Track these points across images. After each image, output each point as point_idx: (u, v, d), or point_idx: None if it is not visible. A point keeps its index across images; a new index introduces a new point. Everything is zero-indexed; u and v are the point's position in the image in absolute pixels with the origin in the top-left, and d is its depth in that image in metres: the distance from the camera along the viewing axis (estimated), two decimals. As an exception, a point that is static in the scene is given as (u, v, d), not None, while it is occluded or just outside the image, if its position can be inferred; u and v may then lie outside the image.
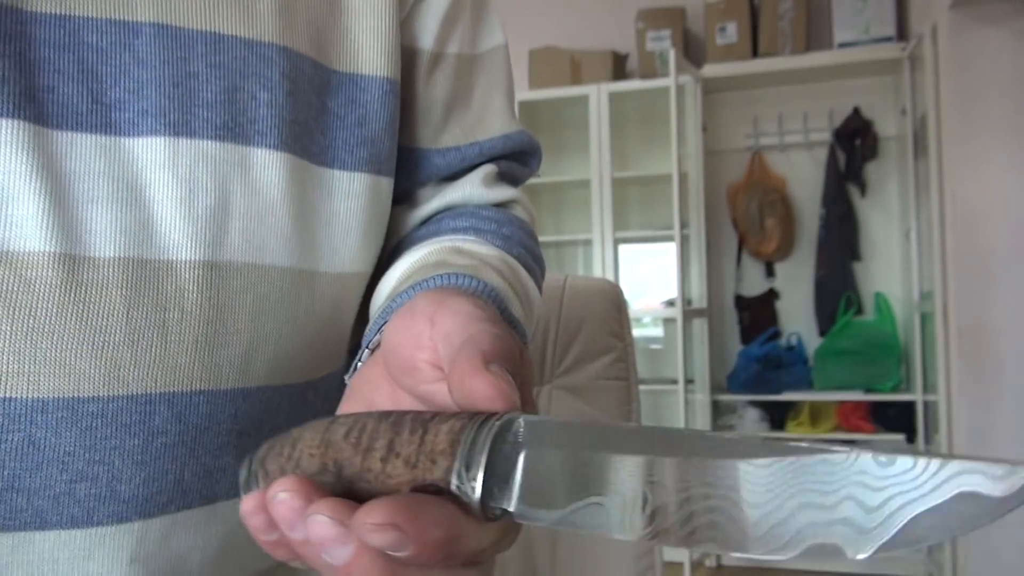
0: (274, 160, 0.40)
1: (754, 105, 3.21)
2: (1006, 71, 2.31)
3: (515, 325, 0.41)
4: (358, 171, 0.44)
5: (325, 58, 0.43)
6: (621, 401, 0.99)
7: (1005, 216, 2.33)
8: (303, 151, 0.42)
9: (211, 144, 0.38)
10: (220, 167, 0.38)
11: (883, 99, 3.06)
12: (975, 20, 2.31)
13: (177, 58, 0.38)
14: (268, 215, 0.40)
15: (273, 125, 0.40)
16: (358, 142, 0.44)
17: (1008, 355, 2.32)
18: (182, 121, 0.37)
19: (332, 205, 0.43)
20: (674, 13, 3.18)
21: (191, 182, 0.37)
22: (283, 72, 0.40)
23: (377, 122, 0.45)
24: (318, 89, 0.43)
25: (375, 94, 0.45)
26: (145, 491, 0.38)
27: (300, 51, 0.42)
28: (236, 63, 0.39)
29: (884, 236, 3.07)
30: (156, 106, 0.37)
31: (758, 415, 3.04)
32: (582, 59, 3.27)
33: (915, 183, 2.79)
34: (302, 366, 0.44)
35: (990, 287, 2.34)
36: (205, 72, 0.38)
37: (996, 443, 2.33)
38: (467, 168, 0.53)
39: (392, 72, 0.46)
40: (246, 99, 0.39)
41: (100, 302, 0.36)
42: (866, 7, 2.94)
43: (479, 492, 0.24)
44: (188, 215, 0.37)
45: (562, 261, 3.52)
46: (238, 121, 0.39)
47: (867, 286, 3.08)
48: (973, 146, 2.35)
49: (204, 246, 0.38)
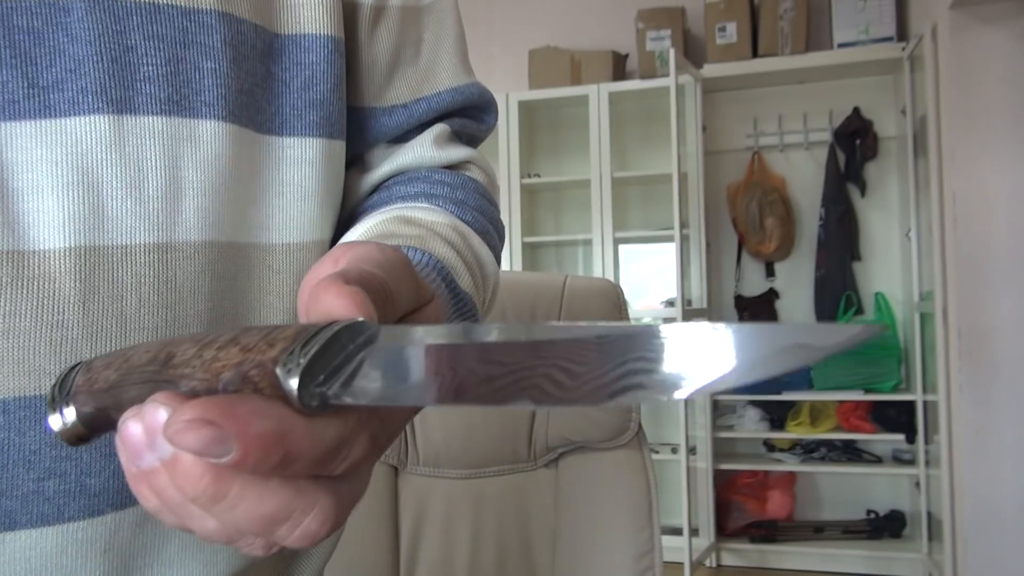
0: (223, 132, 0.39)
1: (754, 105, 3.20)
2: (1006, 71, 2.31)
3: (461, 297, 0.40)
4: (309, 136, 0.43)
5: (267, 21, 0.42)
6: (621, 401, 0.99)
7: (1005, 216, 2.33)
8: (249, 121, 0.40)
9: (157, 120, 0.37)
10: (169, 143, 0.37)
11: (883, 99, 3.06)
12: (975, 20, 2.31)
13: (113, 32, 0.36)
14: (222, 189, 0.39)
15: (219, 95, 0.39)
16: (306, 105, 0.43)
17: (1008, 355, 2.32)
18: (124, 97, 0.36)
19: (284, 174, 0.42)
20: (674, 13, 3.18)
21: (140, 161, 0.36)
22: (225, 39, 0.39)
23: (324, 83, 0.44)
24: (261, 55, 0.41)
25: (320, 54, 0.44)
26: (116, 483, 0.37)
27: (241, 16, 0.40)
28: (176, 33, 0.38)
29: (884, 236, 3.07)
30: (96, 83, 0.35)
31: (758, 415, 3.04)
32: (582, 59, 3.27)
33: (915, 183, 2.79)
34: None
35: (990, 287, 2.34)
36: (144, 44, 0.37)
37: (996, 443, 2.33)
38: (418, 127, 0.51)
39: (335, 30, 0.44)
40: (189, 70, 0.38)
41: (54, 296, 0.35)
42: (866, 7, 2.94)
43: (300, 372, 0.23)
44: (139, 196, 0.36)
45: (562, 261, 3.52)
46: (183, 93, 0.37)
47: (867, 286, 3.08)
48: (973, 146, 2.35)
49: (158, 228, 0.37)
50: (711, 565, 3.02)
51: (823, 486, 3.13)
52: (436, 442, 1.01)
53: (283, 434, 0.22)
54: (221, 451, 0.22)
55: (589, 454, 1.00)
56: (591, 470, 0.99)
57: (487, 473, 1.02)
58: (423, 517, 1.00)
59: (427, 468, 1.02)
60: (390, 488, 1.00)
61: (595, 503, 0.96)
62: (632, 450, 0.99)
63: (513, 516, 1.01)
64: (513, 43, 3.46)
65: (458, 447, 1.01)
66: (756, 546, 2.98)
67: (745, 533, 3.01)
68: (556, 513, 0.99)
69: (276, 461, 0.22)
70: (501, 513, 1.01)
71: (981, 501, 2.33)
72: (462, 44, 0.55)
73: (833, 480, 3.10)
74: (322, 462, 0.24)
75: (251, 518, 0.23)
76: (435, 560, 0.99)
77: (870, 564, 2.86)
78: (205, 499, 0.23)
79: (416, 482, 1.01)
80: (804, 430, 2.96)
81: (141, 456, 0.24)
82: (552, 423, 1.01)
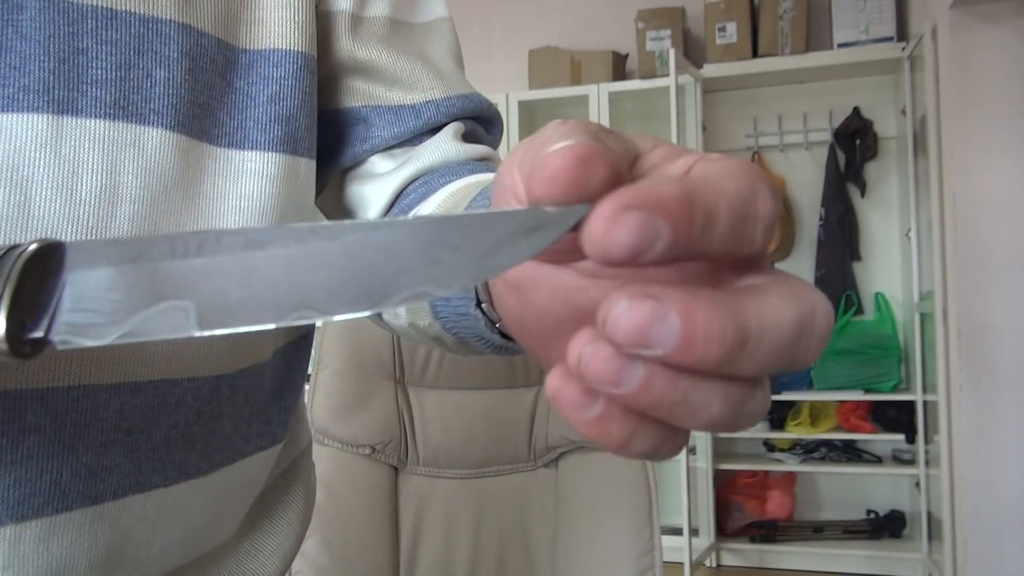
0: (170, 141, 0.38)
1: (754, 105, 3.21)
2: (1006, 71, 2.31)
3: None
4: (272, 151, 0.42)
5: (232, 36, 0.42)
6: (621, 401, 0.99)
7: (1005, 216, 2.33)
8: (203, 133, 0.40)
9: (99, 123, 0.36)
10: (109, 148, 0.36)
11: (883, 99, 3.06)
12: (975, 20, 2.31)
13: (65, 33, 0.36)
14: (162, 199, 0.38)
15: (169, 104, 0.38)
16: (271, 119, 0.42)
17: (1008, 355, 2.32)
18: (67, 99, 0.35)
19: (244, 187, 0.41)
20: (674, 13, 3.18)
21: (75, 163, 0.35)
22: (182, 50, 0.39)
23: (291, 99, 0.43)
24: (222, 68, 0.41)
25: (289, 69, 0.43)
26: (17, 493, 0.35)
27: (202, 29, 0.40)
28: (131, 39, 0.37)
29: (884, 236, 3.07)
30: (39, 82, 0.35)
31: (758, 415, 3.04)
32: (582, 59, 3.27)
33: (915, 183, 2.79)
34: (209, 358, 0.41)
35: (990, 287, 2.34)
36: (95, 48, 0.36)
37: (996, 443, 2.33)
38: (427, 130, 0.50)
39: (307, 47, 0.44)
40: (141, 76, 0.37)
41: None
42: (866, 7, 2.93)
43: (3, 323, 0.21)
44: (71, 198, 0.35)
45: (562, 261, 3.52)
46: (131, 100, 0.37)
47: (867, 286, 3.08)
48: (973, 146, 2.35)
49: (87, 231, 0.36)
50: (711, 565, 3.02)
51: (823, 486, 3.13)
52: (436, 442, 1.01)
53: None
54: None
55: (589, 454, 1.00)
56: (591, 470, 0.99)
57: (487, 473, 1.02)
58: (423, 517, 1.00)
59: (427, 468, 1.02)
60: (390, 488, 1.00)
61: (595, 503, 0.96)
62: (632, 450, 0.99)
63: (513, 516, 1.01)
64: (513, 43, 3.46)
65: (458, 447, 1.01)
66: (756, 546, 2.98)
67: (745, 533, 3.01)
68: (556, 513, 0.99)
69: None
70: (501, 513, 1.01)
71: (981, 501, 2.33)
72: (462, 63, 0.55)
73: (833, 480, 3.10)
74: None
75: (761, 364, 0.20)
76: (435, 560, 0.99)
77: (870, 564, 2.86)
78: (732, 350, 0.19)
79: (416, 482, 1.01)
80: (804, 430, 2.96)
81: (620, 379, 0.20)
82: (552, 423, 1.01)
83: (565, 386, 0.21)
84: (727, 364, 0.19)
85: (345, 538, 0.95)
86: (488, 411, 1.01)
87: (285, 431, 0.51)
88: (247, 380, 0.44)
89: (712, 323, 0.19)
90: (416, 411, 1.02)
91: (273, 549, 0.51)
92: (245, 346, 0.43)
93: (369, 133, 0.50)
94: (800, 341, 0.20)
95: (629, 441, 0.21)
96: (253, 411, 0.46)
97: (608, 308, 0.19)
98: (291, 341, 0.50)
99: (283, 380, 0.50)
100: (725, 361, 0.19)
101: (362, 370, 1.01)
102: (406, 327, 0.48)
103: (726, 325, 0.19)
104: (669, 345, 0.19)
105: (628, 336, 0.19)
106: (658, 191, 0.19)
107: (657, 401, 0.20)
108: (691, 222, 0.19)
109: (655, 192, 0.19)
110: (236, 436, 0.45)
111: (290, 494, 0.55)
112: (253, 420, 0.46)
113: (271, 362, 0.47)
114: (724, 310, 0.19)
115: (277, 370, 0.49)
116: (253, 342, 0.44)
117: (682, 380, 0.20)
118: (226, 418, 0.43)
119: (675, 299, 0.19)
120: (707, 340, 0.19)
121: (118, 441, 0.38)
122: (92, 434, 0.37)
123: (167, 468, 0.40)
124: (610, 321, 0.19)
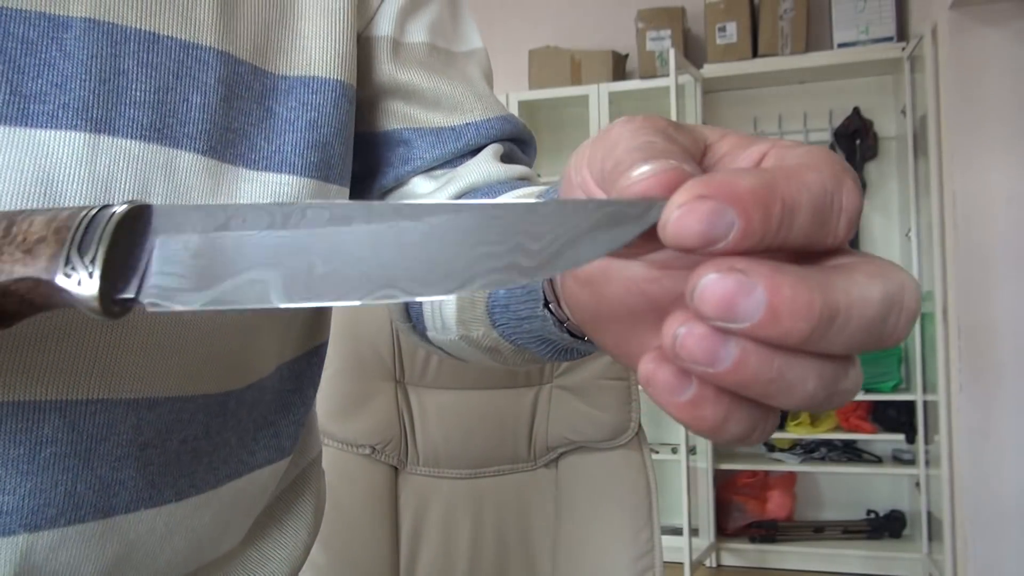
0: (202, 165, 0.39)
1: (754, 105, 3.21)
2: (1006, 71, 2.31)
3: None
4: (307, 176, 0.43)
5: (270, 64, 0.42)
6: (621, 401, 0.99)
7: (1005, 216, 2.33)
8: (237, 158, 0.40)
9: (134, 143, 0.37)
10: (141, 168, 0.37)
11: (883, 99, 3.06)
12: (975, 20, 2.31)
13: (107, 54, 0.36)
14: None
15: (203, 129, 0.39)
16: (308, 145, 0.43)
17: (1008, 355, 2.32)
18: (105, 118, 0.36)
19: None
20: (674, 13, 3.18)
21: (108, 181, 0.36)
22: (219, 77, 0.39)
23: (328, 126, 0.44)
24: (259, 95, 0.42)
25: (328, 97, 0.44)
26: (31, 503, 0.35)
27: (240, 57, 0.41)
28: (170, 64, 0.38)
29: (884, 236, 3.07)
30: (79, 100, 0.36)
31: (758, 415, 3.04)
32: (582, 59, 3.27)
33: (915, 183, 2.79)
34: (220, 376, 0.42)
35: (990, 287, 2.34)
36: (136, 70, 0.37)
37: (996, 443, 2.33)
38: (467, 152, 0.51)
39: (346, 76, 0.45)
40: (177, 101, 0.38)
41: None
42: (866, 7, 2.93)
43: (98, 282, 0.20)
44: None
45: (562, 261, 3.51)
46: (167, 122, 0.38)
47: (867, 286, 3.08)
48: (973, 146, 2.35)
49: None
50: (711, 565, 3.02)
51: (823, 486, 3.13)
52: (436, 442, 1.01)
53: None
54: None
55: (589, 454, 1.00)
56: (591, 470, 0.99)
57: (487, 473, 1.02)
58: (423, 517, 1.00)
59: (427, 468, 1.02)
60: (390, 488, 1.01)
61: (595, 503, 0.96)
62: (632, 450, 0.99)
63: (513, 516, 1.01)
64: (513, 43, 3.46)
65: (458, 447, 1.01)
66: (756, 546, 2.98)
67: (745, 533, 3.01)
68: (556, 513, 0.99)
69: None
70: (501, 513, 1.01)
71: (981, 501, 2.33)
72: (493, 87, 0.56)
73: (833, 480, 3.10)
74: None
75: (850, 341, 0.20)
76: (435, 560, 0.99)
77: (870, 564, 2.86)
78: (820, 324, 0.19)
79: (416, 482, 1.01)
80: (804, 430, 2.96)
81: (715, 357, 0.20)
82: (552, 423, 1.02)
83: (659, 370, 0.21)
84: (816, 339, 0.19)
85: (344, 538, 0.95)
86: (488, 411, 1.01)
87: (295, 444, 0.52)
88: (251, 395, 0.45)
89: (798, 297, 0.19)
90: (416, 411, 1.02)
91: (282, 558, 0.52)
92: (246, 361, 0.44)
93: (411, 155, 0.50)
94: (889, 318, 0.20)
95: (723, 424, 0.22)
96: (259, 425, 0.47)
97: (696, 281, 0.19)
98: (299, 356, 0.51)
99: (292, 394, 0.50)
100: (813, 336, 0.19)
101: (362, 370, 1.01)
102: (456, 340, 0.48)
103: (813, 299, 0.19)
104: (755, 318, 0.19)
105: (715, 308, 0.19)
106: (731, 182, 0.19)
107: (752, 378, 0.20)
108: (767, 213, 0.19)
109: (728, 183, 0.19)
110: (242, 450, 0.45)
111: (299, 503, 0.55)
112: (260, 434, 0.47)
113: (276, 375, 0.48)
114: (811, 285, 0.19)
115: (285, 383, 0.49)
116: (256, 358, 0.45)
117: (777, 357, 0.20)
118: (231, 432, 0.44)
119: (761, 273, 0.19)
120: (793, 314, 0.19)
121: (132, 455, 0.38)
122: (107, 448, 0.37)
123: (178, 482, 0.41)
124: (697, 293, 0.19)
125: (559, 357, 0.42)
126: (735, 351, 0.20)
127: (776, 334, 0.19)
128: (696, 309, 0.20)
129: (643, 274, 0.26)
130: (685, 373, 0.21)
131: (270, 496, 0.51)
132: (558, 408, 1.01)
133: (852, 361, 0.22)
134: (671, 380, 0.21)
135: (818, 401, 0.21)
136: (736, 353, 0.20)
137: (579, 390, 1.01)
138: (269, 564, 0.51)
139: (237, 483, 0.45)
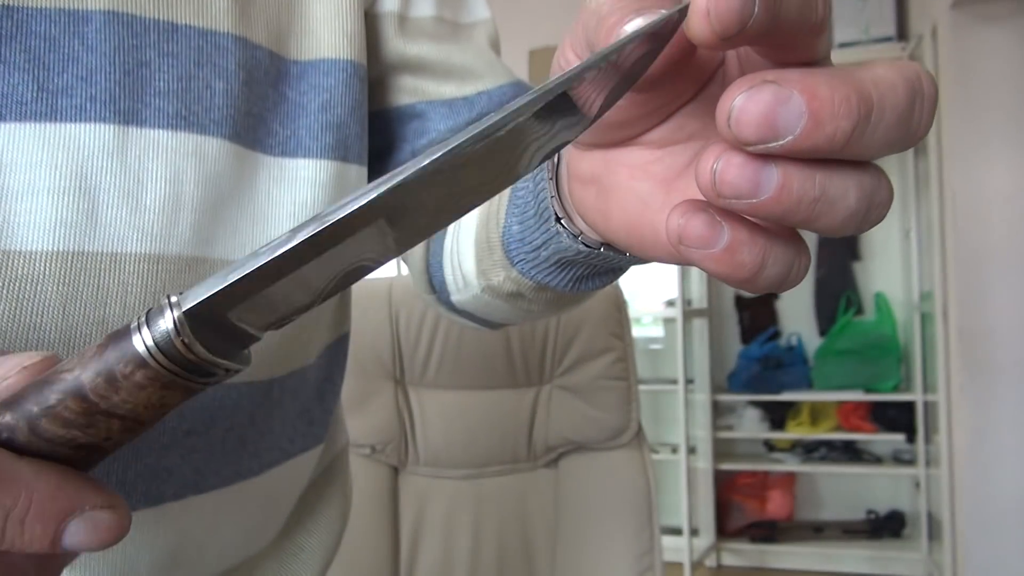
0: (228, 150, 0.39)
1: (754, 105, 3.20)
2: (1006, 71, 2.31)
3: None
4: (324, 158, 0.43)
5: (283, 48, 0.43)
6: (621, 401, 0.99)
7: (1005, 216, 2.33)
8: (256, 143, 0.41)
9: (163, 133, 0.37)
10: (173, 157, 0.37)
11: (883, 99, 3.06)
12: (975, 20, 2.31)
13: (129, 46, 0.37)
14: (219, 207, 0.39)
15: (228, 115, 0.39)
16: (322, 127, 0.43)
17: (1008, 355, 2.32)
18: (132, 109, 0.36)
19: (295, 194, 0.42)
20: (674, 13, 3.18)
21: (140, 172, 0.36)
22: (239, 62, 0.40)
23: (342, 106, 0.44)
24: (275, 80, 0.42)
25: (339, 78, 0.44)
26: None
27: (256, 42, 0.41)
28: (191, 52, 0.38)
29: (884, 236, 3.07)
30: (106, 92, 0.36)
31: (758, 415, 3.04)
32: (582, 59, 3.27)
33: (915, 182, 2.79)
34: (262, 363, 0.42)
35: (990, 287, 2.34)
36: (158, 61, 0.37)
37: (996, 443, 2.33)
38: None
39: (356, 55, 0.45)
40: (201, 88, 0.38)
41: (34, 298, 0.34)
42: (866, 7, 2.93)
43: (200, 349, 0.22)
44: (136, 206, 0.36)
45: (562, 261, 3.51)
46: (192, 110, 0.38)
47: (867, 286, 3.08)
48: (973, 145, 2.35)
49: (152, 239, 0.36)
50: (711, 565, 3.02)
51: (823, 486, 3.13)
52: (436, 442, 1.01)
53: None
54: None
55: (589, 454, 1.00)
56: (591, 470, 0.99)
57: (487, 473, 1.02)
58: (423, 517, 1.00)
59: (427, 468, 1.02)
60: (390, 488, 1.01)
61: (595, 503, 0.96)
62: (632, 450, 0.99)
63: (513, 516, 1.01)
64: (513, 43, 3.46)
65: (458, 447, 1.01)
66: (756, 546, 2.98)
67: (745, 533, 3.01)
68: (556, 513, 0.99)
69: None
70: (501, 513, 1.01)
71: (981, 501, 2.33)
72: (500, 54, 0.56)
73: (833, 480, 3.10)
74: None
75: (885, 136, 0.20)
76: (435, 560, 0.99)
77: (870, 564, 2.86)
78: (861, 120, 0.19)
79: (416, 482, 1.01)
80: (804, 430, 2.96)
81: (758, 185, 0.20)
82: (552, 423, 1.02)
83: (690, 221, 0.21)
84: (856, 139, 0.19)
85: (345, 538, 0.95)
86: (488, 411, 1.01)
87: (325, 432, 0.53)
88: (294, 382, 0.46)
89: (836, 94, 0.19)
90: (416, 411, 1.02)
91: (315, 547, 0.53)
92: (295, 347, 0.45)
93: (425, 127, 0.51)
94: (915, 105, 0.20)
95: (762, 268, 0.21)
96: (298, 413, 0.48)
97: (728, 105, 0.19)
98: (332, 342, 0.51)
99: (324, 382, 0.51)
100: (855, 134, 0.19)
101: (362, 370, 1.01)
102: (479, 295, 0.48)
103: (850, 94, 0.19)
104: (798, 127, 0.18)
105: (755, 128, 0.19)
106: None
107: (797, 201, 0.20)
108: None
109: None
110: (283, 437, 0.46)
111: (329, 493, 0.56)
112: (298, 422, 0.48)
113: (316, 363, 0.48)
114: (844, 81, 0.19)
115: (320, 371, 0.50)
116: (303, 343, 0.45)
117: (818, 173, 0.20)
118: (275, 420, 0.45)
119: (793, 79, 0.19)
120: (834, 114, 0.19)
121: (177, 443, 0.39)
122: (154, 436, 0.38)
123: (223, 470, 0.42)
124: (734, 117, 0.19)
125: (579, 286, 0.41)
126: (777, 175, 0.19)
127: (821, 140, 0.19)
128: (735, 136, 0.19)
129: (645, 157, 0.26)
130: (716, 221, 0.21)
131: (306, 484, 0.52)
132: (558, 408, 1.01)
133: (881, 170, 0.21)
134: (704, 231, 0.21)
135: (860, 216, 0.21)
136: (779, 177, 0.19)
137: (579, 390, 1.01)
138: (301, 555, 0.52)
139: (279, 470, 0.46)
